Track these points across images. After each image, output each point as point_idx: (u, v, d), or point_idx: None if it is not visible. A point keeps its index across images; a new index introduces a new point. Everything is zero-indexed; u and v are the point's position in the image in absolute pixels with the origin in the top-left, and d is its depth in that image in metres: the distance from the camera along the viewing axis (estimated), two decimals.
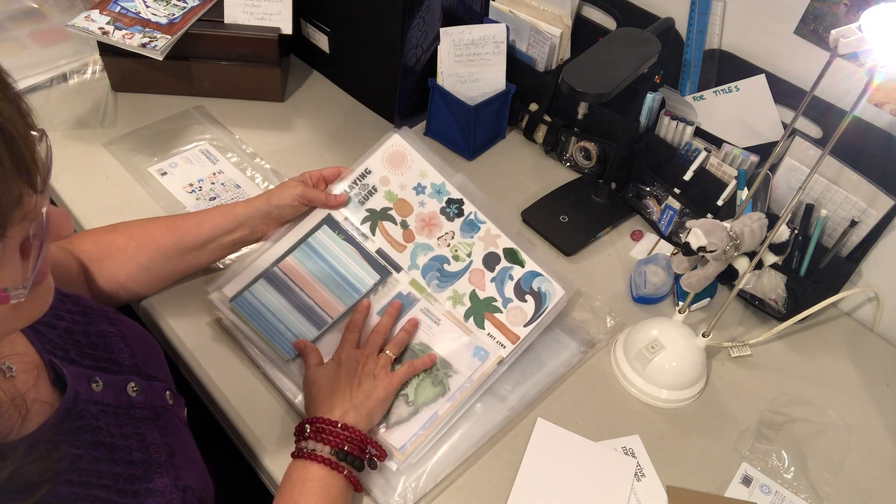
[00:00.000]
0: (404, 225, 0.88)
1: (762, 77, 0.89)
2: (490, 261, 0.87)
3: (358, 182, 0.88)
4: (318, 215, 0.87)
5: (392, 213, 0.88)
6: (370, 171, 0.89)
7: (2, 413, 0.49)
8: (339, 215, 0.87)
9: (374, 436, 0.72)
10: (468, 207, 0.89)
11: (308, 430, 0.68)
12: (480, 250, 0.87)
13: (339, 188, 0.87)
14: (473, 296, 0.85)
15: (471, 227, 0.88)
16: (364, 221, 0.87)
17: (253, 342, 0.80)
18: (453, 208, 0.89)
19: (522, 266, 0.87)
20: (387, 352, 0.77)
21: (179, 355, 0.81)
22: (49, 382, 0.56)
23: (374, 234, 0.87)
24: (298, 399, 0.77)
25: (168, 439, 0.61)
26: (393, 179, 0.89)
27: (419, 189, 0.89)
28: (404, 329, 0.80)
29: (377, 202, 0.88)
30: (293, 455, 0.67)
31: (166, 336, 0.82)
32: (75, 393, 0.55)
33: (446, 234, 0.87)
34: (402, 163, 0.90)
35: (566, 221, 1.02)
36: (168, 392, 0.67)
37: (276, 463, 0.72)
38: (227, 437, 0.78)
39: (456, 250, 0.87)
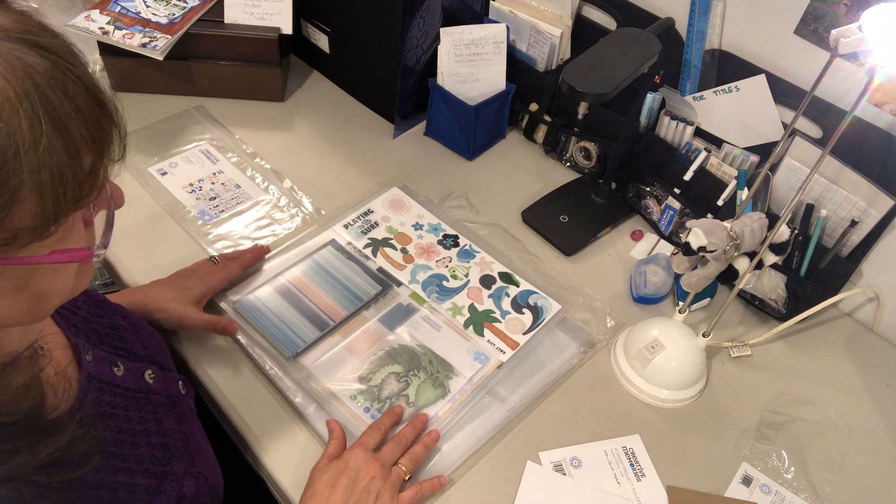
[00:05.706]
0: (404, 251, 0.94)
1: (762, 77, 0.89)
2: (486, 281, 0.92)
3: (361, 218, 0.97)
4: (324, 238, 0.93)
5: (392, 241, 0.95)
6: (372, 211, 0.99)
7: (50, 385, 0.49)
8: (342, 240, 0.94)
9: None
10: (463, 241, 0.96)
11: None
12: (476, 272, 0.93)
13: (340, 222, 0.96)
14: (472, 308, 0.88)
15: (466, 255, 0.95)
16: (366, 247, 0.94)
17: (254, 341, 0.81)
18: (449, 241, 0.96)
19: (517, 286, 0.91)
20: (401, 467, 0.69)
21: (180, 355, 0.81)
22: (75, 364, 0.56)
23: (375, 256, 0.93)
24: (298, 398, 0.77)
25: (183, 427, 0.62)
26: (393, 218, 0.98)
27: (417, 226, 0.98)
28: (422, 442, 0.73)
29: (378, 233, 0.96)
30: None
31: (166, 336, 0.82)
32: (98, 375, 0.56)
33: (444, 258, 0.93)
34: (401, 207, 1.00)
35: (566, 221, 1.02)
36: (180, 382, 0.68)
37: (275, 462, 0.72)
38: (227, 436, 0.78)
39: (454, 271, 0.92)
